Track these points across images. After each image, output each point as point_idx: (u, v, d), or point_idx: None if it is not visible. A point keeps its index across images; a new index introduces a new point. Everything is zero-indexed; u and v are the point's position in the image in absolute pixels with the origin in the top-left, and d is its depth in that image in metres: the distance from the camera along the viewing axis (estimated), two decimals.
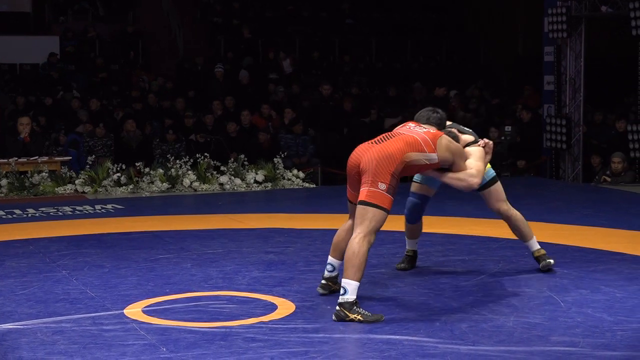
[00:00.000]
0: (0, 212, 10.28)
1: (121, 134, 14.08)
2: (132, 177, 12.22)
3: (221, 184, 12.38)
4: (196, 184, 12.23)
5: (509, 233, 7.13)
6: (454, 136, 6.35)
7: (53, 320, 5.72)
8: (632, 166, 13.04)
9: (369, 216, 5.70)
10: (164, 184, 12.11)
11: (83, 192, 11.99)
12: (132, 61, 18.94)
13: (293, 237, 8.55)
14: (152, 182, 12.17)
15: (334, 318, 5.61)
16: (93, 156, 12.79)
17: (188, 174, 12.28)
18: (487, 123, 15.59)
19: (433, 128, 6.19)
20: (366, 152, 5.85)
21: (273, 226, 9.27)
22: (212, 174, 12.41)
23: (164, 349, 5.10)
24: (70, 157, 13.09)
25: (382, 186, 5.73)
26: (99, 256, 7.75)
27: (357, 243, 5.66)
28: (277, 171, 12.62)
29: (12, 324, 5.64)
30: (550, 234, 8.41)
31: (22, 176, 12.00)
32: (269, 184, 12.49)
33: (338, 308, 5.60)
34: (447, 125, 6.58)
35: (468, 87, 18.14)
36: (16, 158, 12.21)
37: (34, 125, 13.42)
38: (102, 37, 19.32)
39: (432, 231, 8.18)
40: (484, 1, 21.05)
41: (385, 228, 6.22)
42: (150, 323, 5.64)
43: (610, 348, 5.05)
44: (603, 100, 16.17)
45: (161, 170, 12.29)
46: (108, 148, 13.87)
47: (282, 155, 13.00)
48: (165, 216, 10.12)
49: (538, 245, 6.96)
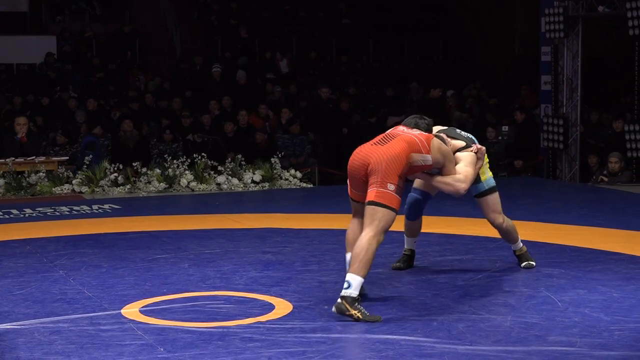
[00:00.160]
0: None
1: (118, 134, 14.07)
2: (130, 177, 12.21)
3: (218, 184, 12.38)
4: (193, 184, 12.23)
5: None
6: (442, 140, 6.37)
7: (50, 320, 5.71)
8: (629, 166, 13.04)
9: (379, 216, 5.72)
10: (161, 184, 12.11)
11: (80, 192, 11.98)
12: (129, 61, 18.93)
13: (290, 237, 8.55)
14: (150, 182, 12.17)
15: (334, 310, 5.60)
16: (90, 156, 12.77)
17: (185, 174, 12.27)
18: (483, 123, 15.61)
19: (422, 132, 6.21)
20: (373, 153, 5.84)
21: (270, 226, 9.27)
22: (210, 174, 12.40)
23: (162, 349, 5.09)
24: (67, 157, 13.09)
25: (391, 187, 5.76)
26: (97, 256, 7.75)
27: (367, 241, 5.68)
28: (275, 171, 12.61)
29: (10, 324, 5.64)
30: (547, 234, 8.42)
31: (19, 176, 11.98)
32: (267, 184, 12.49)
33: (340, 301, 5.58)
34: (442, 130, 6.62)
35: (465, 87, 18.14)
36: (13, 158, 12.20)
37: (31, 125, 13.41)
38: (99, 37, 19.30)
39: (430, 231, 8.17)
40: (481, 1, 21.04)
41: None
42: (147, 323, 5.63)
43: (607, 348, 5.05)
44: (600, 100, 16.18)
45: (158, 170, 12.28)
46: (105, 148, 13.87)
47: (280, 155, 12.99)
48: (162, 216, 10.11)
49: (522, 244, 7.06)
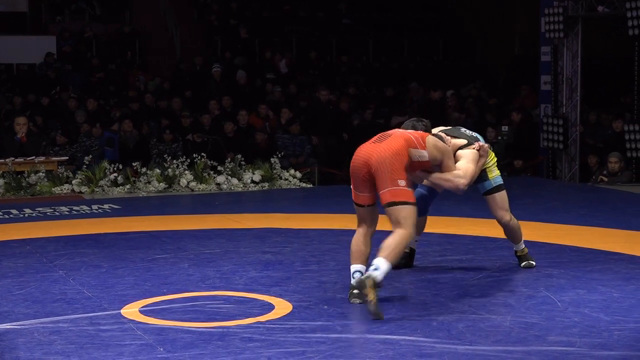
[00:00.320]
0: None
1: (118, 134, 14.07)
2: (129, 177, 12.21)
3: (218, 184, 12.37)
4: (193, 184, 12.22)
5: None
6: (439, 137, 6.39)
7: (50, 320, 5.71)
8: (629, 166, 13.04)
9: (403, 215, 5.81)
10: (161, 184, 12.10)
11: (80, 192, 11.97)
12: (129, 61, 18.92)
13: (290, 237, 8.55)
14: (149, 182, 12.16)
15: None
16: (90, 156, 12.77)
17: (185, 174, 12.27)
18: (483, 123, 15.59)
19: None
20: (374, 151, 5.89)
21: (270, 226, 9.27)
22: (209, 174, 12.40)
23: (161, 349, 5.09)
24: (67, 157, 13.09)
25: (402, 182, 5.85)
26: (96, 256, 7.75)
27: (401, 235, 5.78)
28: (274, 171, 12.61)
29: (9, 324, 5.64)
30: (547, 234, 8.42)
31: (19, 176, 11.98)
32: (266, 184, 12.49)
33: (364, 278, 5.58)
34: (445, 129, 6.68)
35: (465, 87, 18.13)
36: (13, 158, 12.20)
37: (31, 125, 13.41)
38: (99, 37, 19.29)
39: (430, 231, 8.15)
40: (481, 1, 21.04)
41: (382, 228, 6.23)
42: (147, 323, 5.63)
43: (607, 348, 5.05)
44: (600, 100, 16.18)
45: (158, 170, 12.28)
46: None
47: (279, 155, 12.98)
48: (162, 216, 10.11)
49: (524, 245, 7.08)
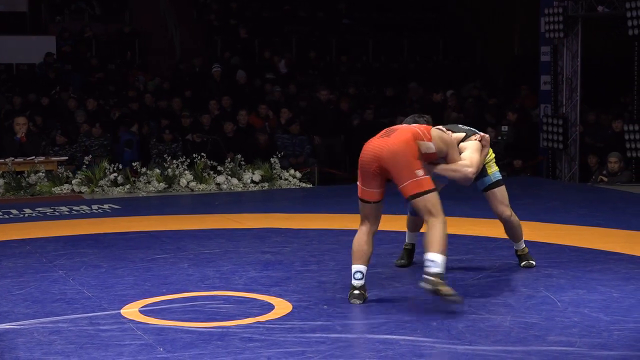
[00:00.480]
0: None
1: (137, 135, 14.08)
2: (129, 177, 12.21)
3: (218, 184, 12.37)
4: (193, 184, 12.22)
5: None
6: (442, 130, 6.41)
7: (50, 320, 5.71)
8: (629, 166, 13.04)
9: (430, 203, 5.88)
10: (161, 184, 12.10)
11: (80, 192, 11.98)
12: (129, 61, 18.92)
13: (290, 237, 8.54)
14: (149, 182, 12.16)
15: (424, 285, 5.72)
16: (90, 156, 12.78)
17: (185, 174, 12.27)
18: (483, 123, 15.58)
19: None
20: (383, 145, 5.91)
21: (270, 226, 9.27)
22: (209, 174, 12.40)
23: (161, 349, 5.09)
24: (66, 157, 13.09)
25: (420, 172, 5.88)
26: (96, 256, 7.75)
27: (438, 225, 5.84)
28: (274, 171, 12.61)
29: (9, 324, 5.64)
30: (546, 234, 8.42)
31: (19, 176, 11.98)
32: (266, 184, 12.49)
33: (429, 277, 5.69)
34: (443, 127, 6.65)
35: (465, 87, 18.13)
36: (13, 158, 12.20)
37: (31, 125, 13.41)
38: (99, 37, 19.29)
39: None
40: (481, 1, 21.04)
41: (382, 228, 6.24)
42: (147, 323, 5.63)
43: (607, 348, 5.05)
44: (600, 100, 16.17)
45: (158, 170, 12.28)
46: (105, 148, 13.87)
47: (279, 155, 12.98)
48: (162, 216, 10.11)
49: (524, 245, 7.10)
